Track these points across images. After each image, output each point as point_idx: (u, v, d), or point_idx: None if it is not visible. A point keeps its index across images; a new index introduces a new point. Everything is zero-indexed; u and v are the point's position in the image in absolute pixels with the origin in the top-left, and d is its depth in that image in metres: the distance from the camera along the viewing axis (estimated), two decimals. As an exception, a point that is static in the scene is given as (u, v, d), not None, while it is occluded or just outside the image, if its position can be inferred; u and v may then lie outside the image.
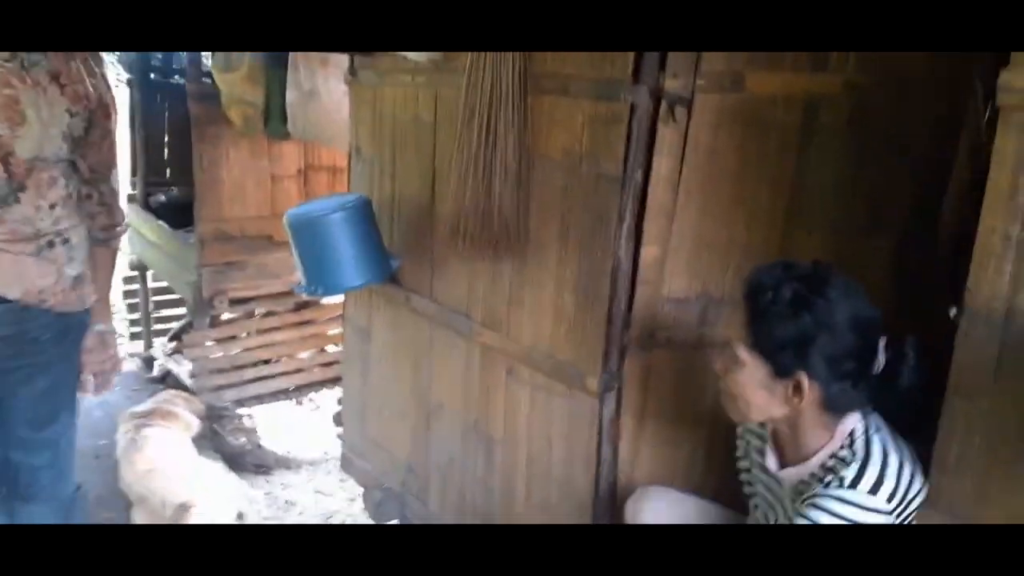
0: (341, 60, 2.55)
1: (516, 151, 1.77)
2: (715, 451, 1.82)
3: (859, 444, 1.28)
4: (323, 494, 3.17)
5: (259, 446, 3.51)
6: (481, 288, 2.03)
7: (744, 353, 1.32)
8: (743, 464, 1.60)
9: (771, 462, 1.42)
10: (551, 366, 1.85)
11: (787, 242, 1.70)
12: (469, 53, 1.81)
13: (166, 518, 2.63)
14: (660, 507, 1.66)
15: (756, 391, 1.32)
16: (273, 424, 3.77)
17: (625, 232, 1.63)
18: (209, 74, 3.29)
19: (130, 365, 4.32)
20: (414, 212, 2.24)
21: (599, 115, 1.64)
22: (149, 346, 4.24)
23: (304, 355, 3.88)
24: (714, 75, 1.56)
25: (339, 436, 2.88)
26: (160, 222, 3.75)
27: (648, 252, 1.64)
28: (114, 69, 12.57)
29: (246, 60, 2.99)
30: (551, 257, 1.80)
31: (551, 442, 1.91)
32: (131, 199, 4.11)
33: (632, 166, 1.59)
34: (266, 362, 3.76)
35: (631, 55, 1.57)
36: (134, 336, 4.42)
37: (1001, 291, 1.11)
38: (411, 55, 1.99)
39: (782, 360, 1.28)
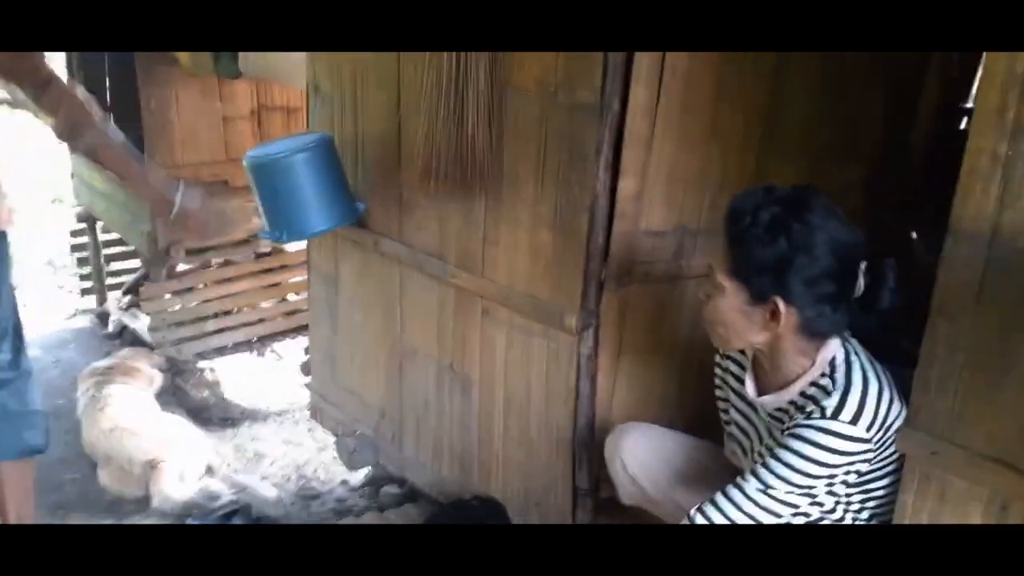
0: (294, -7, 2.42)
1: (487, 84, 1.71)
2: (689, 383, 1.84)
3: (840, 373, 1.29)
4: (293, 444, 3.13)
5: (224, 399, 3.45)
6: (454, 228, 1.98)
7: (724, 278, 1.32)
8: (720, 392, 1.62)
9: (750, 389, 1.43)
10: (529, 305, 1.83)
11: (762, 171, 1.69)
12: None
13: (134, 476, 2.59)
14: (637, 443, 1.67)
15: (736, 316, 1.33)
16: (237, 376, 3.70)
17: (602, 164, 1.59)
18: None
19: (84, 321, 4.18)
20: (380, 151, 2.16)
21: (574, 43, 1.58)
22: (103, 301, 4.09)
23: (266, 304, 3.80)
24: None
25: (307, 385, 2.84)
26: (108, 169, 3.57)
27: (626, 185, 1.61)
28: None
29: (191, -5, 2.83)
30: (527, 193, 1.76)
31: (529, 381, 1.90)
32: (73, 148, 3.91)
33: (609, 95, 1.55)
34: (227, 313, 3.67)
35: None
36: (86, 292, 4.25)
37: (987, 211, 1.12)
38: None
39: (760, 284, 1.28)
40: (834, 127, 1.72)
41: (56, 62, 3.04)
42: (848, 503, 1.35)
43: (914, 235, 1.98)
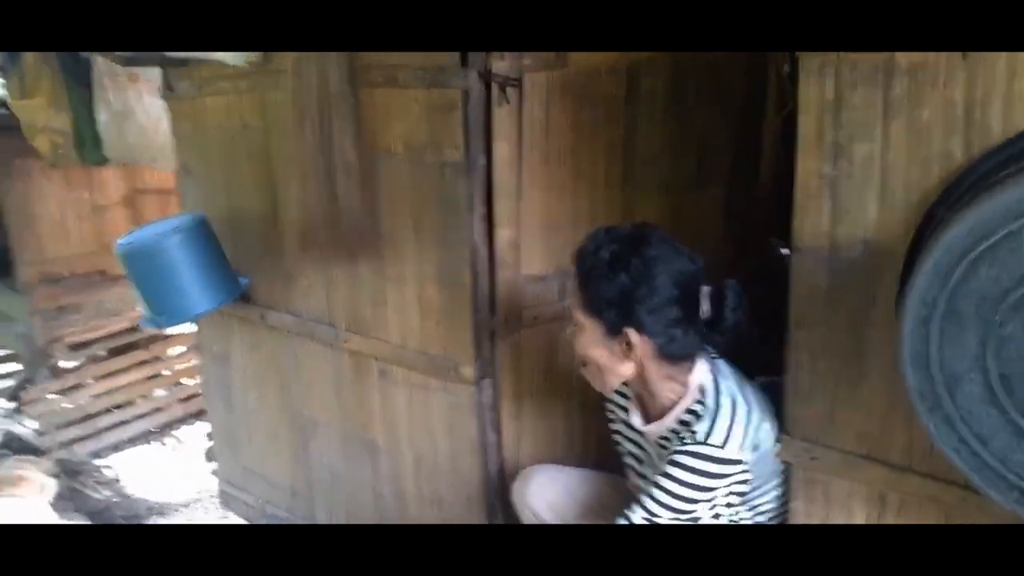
0: (154, 74, 2.38)
1: (354, 148, 1.72)
2: (591, 420, 1.87)
3: (710, 399, 1.35)
4: (205, 534, 2.99)
5: (127, 496, 3.26)
6: (341, 293, 1.97)
7: (580, 315, 1.37)
8: (613, 427, 1.65)
9: (636, 421, 1.48)
10: (424, 362, 1.83)
11: (629, 207, 1.76)
12: (292, 54, 1.73)
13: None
14: (543, 485, 1.69)
15: (598, 351, 1.38)
16: (138, 471, 3.51)
17: (477, 217, 1.63)
18: (3, 103, 2.98)
19: (-40, 435, 3.88)
20: (257, 225, 2.13)
21: (434, 103, 1.62)
22: (-19, 410, 3.83)
23: (160, 392, 3.63)
24: (539, 54, 1.58)
25: (213, 472, 2.73)
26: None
27: (502, 234, 1.65)
28: None
29: (44, 83, 2.73)
30: (408, 252, 1.78)
31: (435, 438, 1.89)
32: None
33: (474, 151, 1.59)
34: (119, 406, 3.49)
35: (456, 41, 1.56)
36: (-41, 402, 3.97)
37: (823, 226, 1.21)
38: (229, 59, 1.88)
39: (611, 317, 1.34)
40: (687, 157, 1.81)
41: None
42: (739, 520, 1.40)
43: (778, 245, 2.09)
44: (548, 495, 1.65)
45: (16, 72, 2.82)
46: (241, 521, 2.73)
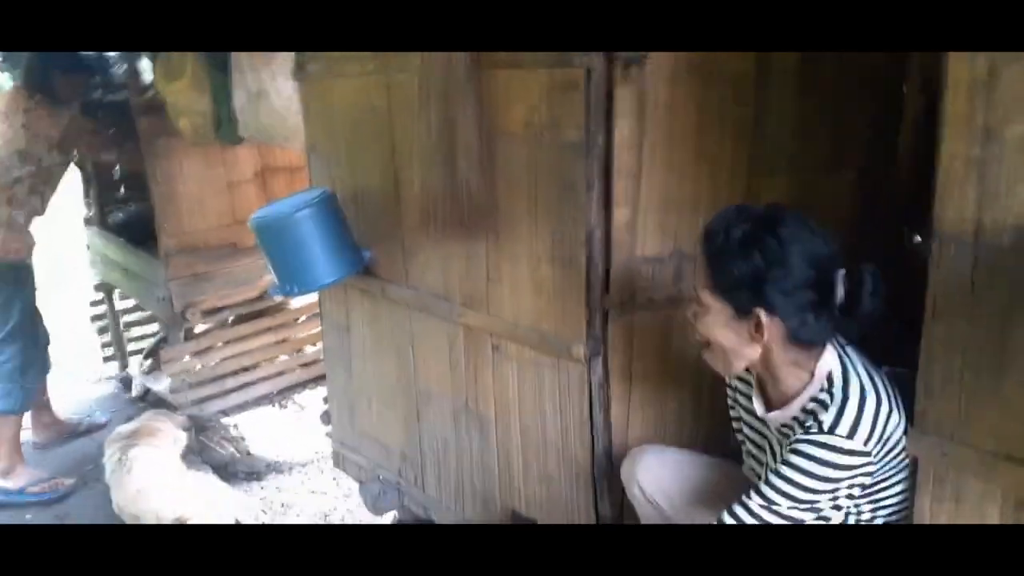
0: (287, 57, 2.51)
1: (476, 129, 1.76)
2: (703, 404, 1.85)
3: (837, 387, 1.31)
4: (318, 493, 3.16)
5: (248, 453, 3.48)
6: (457, 269, 2.02)
7: (707, 296, 1.35)
8: (734, 413, 1.63)
9: (758, 407, 1.45)
10: (536, 338, 1.86)
11: (753, 189, 1.72)
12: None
13: (165, 536, 2.61)
14: (652, 465, 1.69)
15: (724, 333, 1.36)
16: (260, 430, 3.74)
17: (594, 197, 1.63)
18: (152, 86, 3.21)
19: (109, 387, 4.25)
20: (380, 202, 2.22)
21: (555, 83, 1.64)
22: (125, 366, 4.17)
23: (283, 358, 3.85)
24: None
25: (328, 434, 2.87)
26: (121, 239, 3.67)
27: (619, 215, 1.65)
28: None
29: (188, 67, 2.92)
30: (524, 230, 1.81)
31: (544, 414, 1.92)
32: (88, 221, 4.02)
33: (594, 131, 1.59)
34: (246, 369, 3.72)
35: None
36: (108, 358, 4.33)
37: (968, 212, 1.14)
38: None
39: (740, 298, 1.31)
40: (820, 138, 1.74)
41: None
42: (859, 513, 1.36)
43: (912, 234, 1.99)
44: (658, 475, 1.65)
45: (162, 58, 3.03)
46: (351, 482, 2.87)
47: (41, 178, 3.11)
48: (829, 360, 1.34)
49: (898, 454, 1.30)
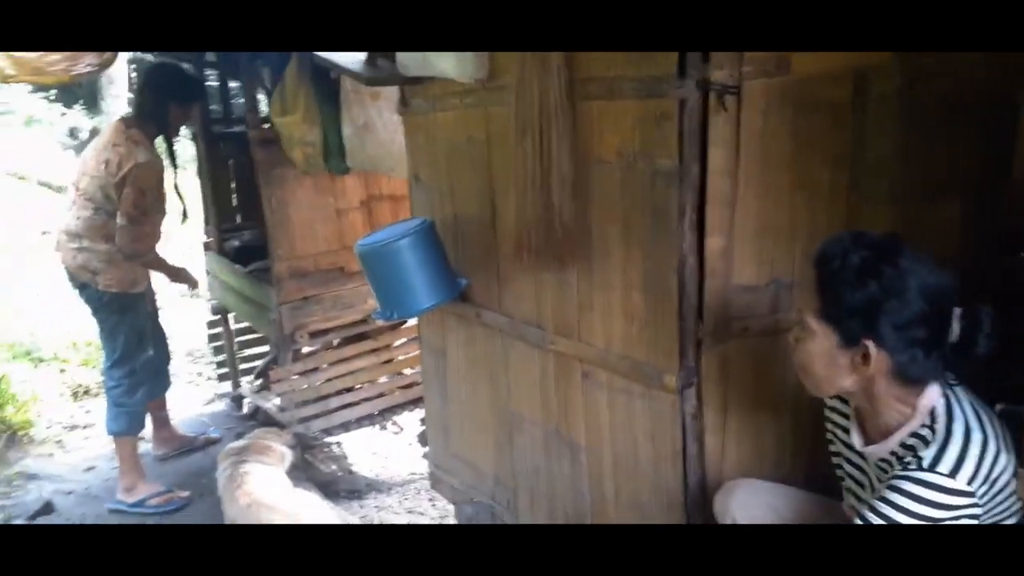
0: (392, 92, 2.64)
1: (570, 159, 1.80)
2: (802, 438, 1.80)
3: (940, 423, 1.25)
4: (416, 513, 3.23)
5: (350, 472, 3.61)
6: (550, 297, 2.05)
7: (813, 322, 1.32)
8: (832, 447, 1.58)
9: (856, 440, 1.40)
10: (627, 367, 1.86)
11: (853, 218, 1.67)
12: (515, 70, 1.84)
13: (270, 548, 2.73)
14: (748, 499, 1.65)
15: (826, 361, 1.33)
16: (360, 449, 3.87)
17: (687, 225, 1.63)
18: (268, 120, 3.43)
19: (222, 405, 4.51)
20: (476, 230, 2.29)
21: (649, 113, 1.65)
22: (237, 385, 4.41)
23: (383, 380, 3.97)
24: (759, 60, 1.56)
25: (425, 455, 2.94)
26: (236, 266, 3.91)
27: (713, 243, 1.64)
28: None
29: (300, 102, 3.11)
30: (616, 259, 1.82)
31: (635, 442, 1.91)
32: (207, 247, 4.30)
33: (687, 159, 1.60)
34: (348, 390, 3.86)
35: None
36: (222, 377, 4.60)
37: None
38: (457, 76, 2.03)
39: (850, 327, 1.28)
40: (925, 165, 1.68)
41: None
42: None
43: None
44: (752, 510, 1.61)
45: (278, 93, 3.24)
46: (447, 503, 2.93)
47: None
48: (933, 395, 1.28)
49: (1007, 497, 1.23)
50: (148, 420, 3.53)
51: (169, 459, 3.79)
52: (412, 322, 3.40)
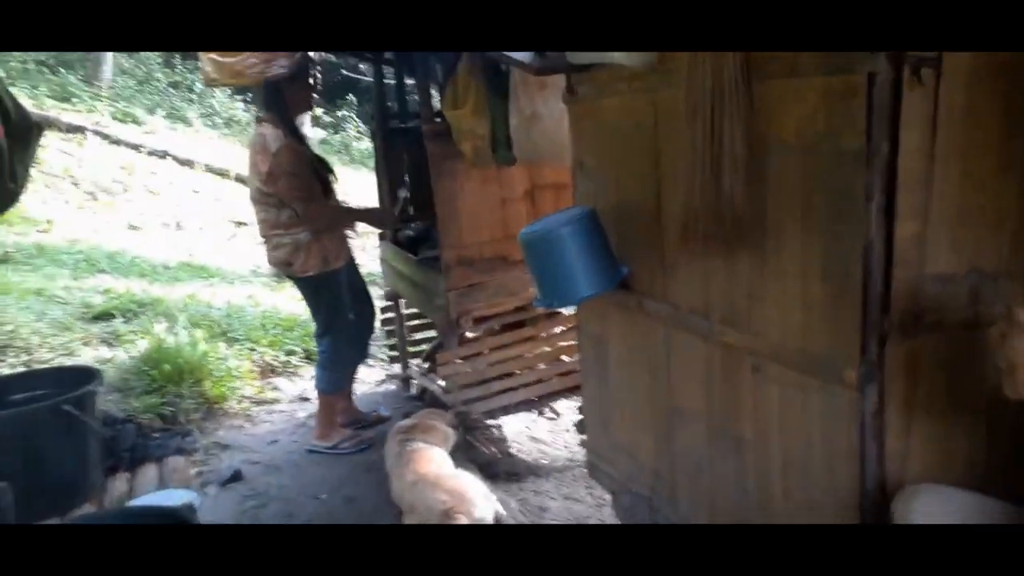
0: (558, 81, 2.66)
1: (743, 141, 1.73)
2: (1000, 443, 1.63)
3: None
4: (573, 500, 3.26)
5: (509, 455, 3.69)
6: (718, 285, 1.99)
7: None
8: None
9: None
10: (802, 360, 1.76)
11: (1073, 204, 1.49)
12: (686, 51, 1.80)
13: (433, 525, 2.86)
14: (932, 506, 1.52)
15: None
16: (519, 433, 3.95)
17: (875, 209, 1.52)
18: (440, 114, 3.58)
19: (392, 385, 4.77)
20: (640, 217, 2.26)
21: (834, 90, 1.55)
22: (406, 367, 4.65)
23: (542, 366, 4.03)
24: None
25: (582, 443, 2.95)
26: (408, 254, 4.11)
27: (904, 228, 1.52)
28: (353, 121, 13.97)
29: (471, 95, 3.21)
30: (793, 245, 1.73)
31: (808, 441, 1.81)
32: (381, 236, 4.56)
33: (877, 139, 1.49)
34: (509, 375, 3.95)
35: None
36: (393, 359, 4.87)
37: None
38: (627, 61, 2.01)
39: None
40: None
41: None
42: None
43: None
44: (939, 519, 1.48)
45: (450, 87, 3.36)
46: (604, 492, 2.92)
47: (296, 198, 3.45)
48: None
49: None
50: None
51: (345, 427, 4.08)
52: (571, 310, 3.42)
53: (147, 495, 3.07)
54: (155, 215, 8.60)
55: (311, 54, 3.67)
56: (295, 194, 3.45)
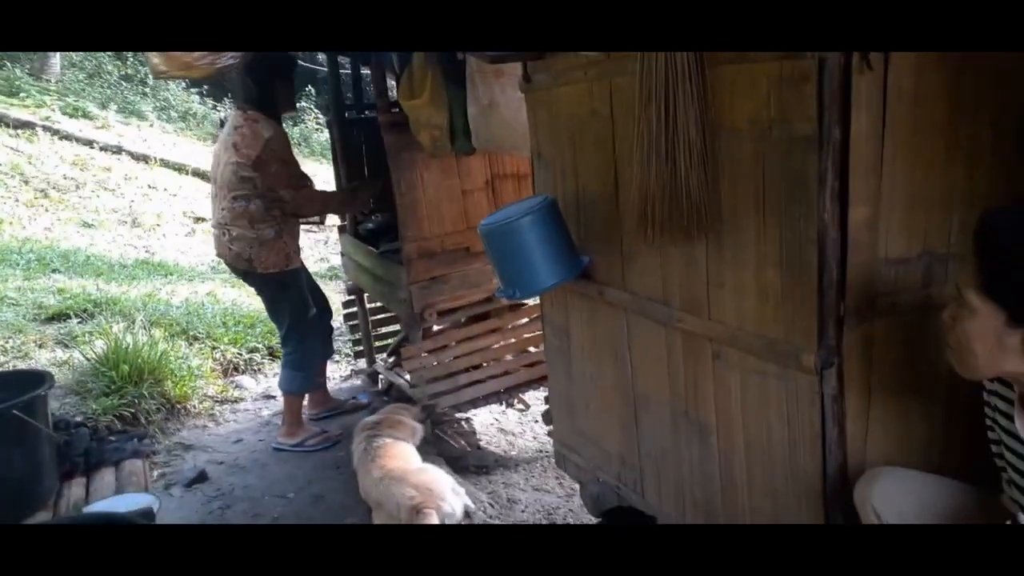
0: (515, 69, 2.63)
1: (698, 127, 1.72)
2: (956, 424, 1.66)
3: None
4: (543, 491, 3.26)
5: (478, 447, 3.68)
6: (676, 273, 1.99)
7: (976, 299, 1.20)
8: (992, 434, 1.44)
9: (1020, 426, 1.27)
10: (761, 346, 1.77)
11: (1019, 186, 1.50)
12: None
13: (402, 520, 2.83)
14: (892, 488, 1.54)
15: (989, 341, 1.21)
16: (488, 426, 3.94)
17: (828, 194, 1.52)
18: (397, 104, 3.52)
19: (358, 381, 4.72)
20: (599, 206, 2.24)
21: (785, 76, 1.55)
22: (372, 362, 4.60)
23: (509, 358, 4.02)
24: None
25: (549, 434, 2.95)
26: (369, 247, 4.06)
27: (857, 213, 1.52)
28: (312, 113, 13.74)
29: (428, 84, 3.16)
30: (749, 232, 1.73)
31: (770, 426, 1.82)
32: (341, 230, 4.50)
33: (828, 124, 1.48)
34: (476, 367, 3.93)
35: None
36: (358, 355, 4.81)
37: None
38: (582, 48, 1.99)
39: (1020, 306, 1.14)
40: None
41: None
42: None
43: None
44: (898, 501, 1.50)
45: (406, 77, 3.31)
46: (573, 482, 2.92)
47: (269, 195, 3.39)
48: None
49: None
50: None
51: (321, 418, 4.10)
52: (537, 300, 3.40)
53: (103, 500, 3.00)
54: (110, 212, 8.39)
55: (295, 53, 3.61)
56: (287, 181, 3.42)
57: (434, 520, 2.74)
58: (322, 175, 9.07)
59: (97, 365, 4.07)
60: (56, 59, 11.65)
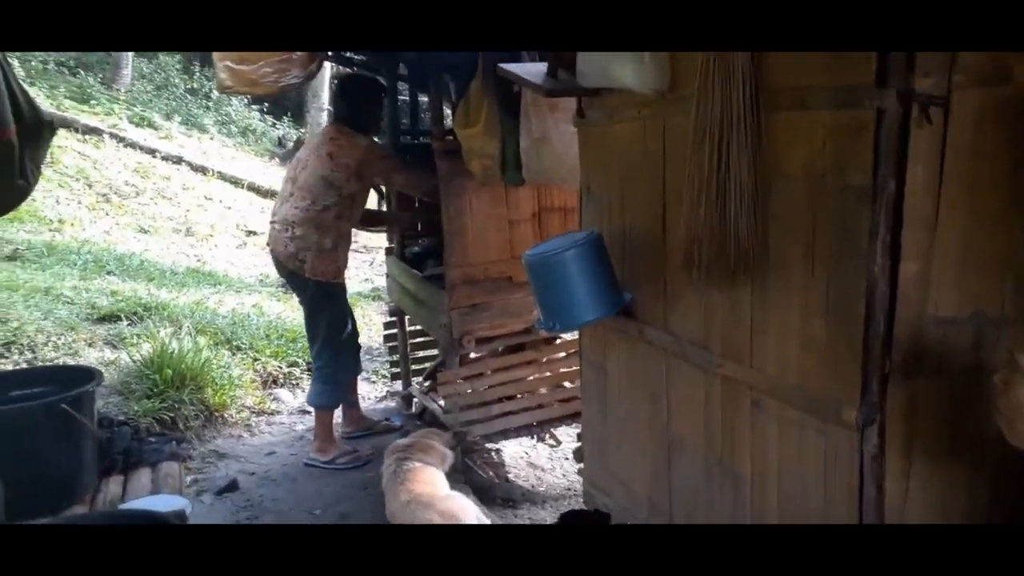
0: (569, 104, 2.65)
1: (751, 171, 1.72)
2: (1002, 491, 1.59)
3: None
4: (568, 529, 3.21)
5: (507, 480, 3.64)
6: (719, 317, 1.97)
7: None
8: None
9: None
10: (802, 398, 1.73)
11: (1083, 248, 1.46)
12: (698, 76, 1.79)
13: (426, 545, 2.81)
14: None
15: None
16: (517, 458, 3.91)
17: (880, 247, 1.49)
18: (451, 131, 3.58)
19: (392, 402, 4.74)
20: (645, 244, 2.24)
21: (841, 125, 1.54)
22: (408, 385, 4.62)
23: (543, 391, 3.99)
24: (974, 69, 1.40)
25: (580, 472, 2.91)
26: (414, 270, 4.10)
27: (908, 268, 1.49)
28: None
29: (483, 114, 3.21)
30: (796, 280, 1.71)
31: (805, 481, 1.78)
32: (388, 252, 4.56)
33: (883, 176, 1.47)
34: (510, 398, 3.91)
35: (874, 57, 1.46)
36: (395, 376, 4.84)
37: None
38: (637, 87, 2.01)
39: None
40: None
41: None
42: None
43: None
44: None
45: (463, 105, 3.37)
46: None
47: (345, 205, 3.61)
48: None
49: None
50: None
51: (354, 438, 4.12)
52: (574, 335, 3.39)
53: (139, 499, 3.05)
54: (166, 220, 8.65)
55: (382, 80, 4.00)
56: (399, 167, 3.77)
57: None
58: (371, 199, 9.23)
59: (142, 367, 4.16)
60: (128, 70, 12.14)
